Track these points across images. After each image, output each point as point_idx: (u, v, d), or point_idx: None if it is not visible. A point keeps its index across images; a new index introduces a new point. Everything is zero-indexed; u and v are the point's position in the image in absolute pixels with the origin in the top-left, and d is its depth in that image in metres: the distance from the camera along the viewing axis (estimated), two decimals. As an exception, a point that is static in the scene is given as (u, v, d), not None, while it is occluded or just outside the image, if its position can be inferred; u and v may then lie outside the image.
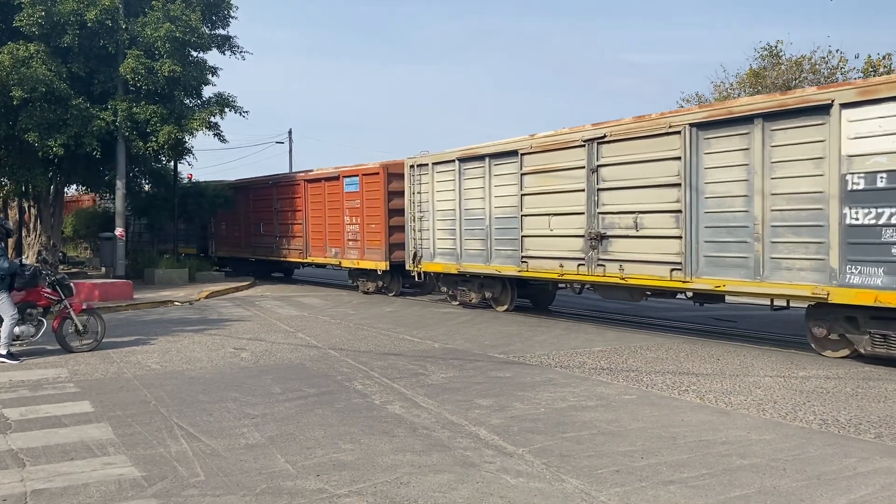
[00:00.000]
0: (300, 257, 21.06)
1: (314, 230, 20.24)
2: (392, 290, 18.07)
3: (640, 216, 11.24)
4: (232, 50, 21.05)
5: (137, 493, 4.76)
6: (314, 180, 20.24)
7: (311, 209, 20.35)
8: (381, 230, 17.48)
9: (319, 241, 20.01)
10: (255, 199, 23.50)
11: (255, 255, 23.52)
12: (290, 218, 21.45)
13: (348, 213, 18.66)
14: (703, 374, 8.47)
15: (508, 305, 14.53)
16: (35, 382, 8.16)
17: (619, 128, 11.58)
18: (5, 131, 17.62)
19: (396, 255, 17.20)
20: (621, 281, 11.55)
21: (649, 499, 4.60)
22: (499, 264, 14.03)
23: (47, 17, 17.09)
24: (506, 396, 7.37)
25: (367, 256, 17.96)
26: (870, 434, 6.03)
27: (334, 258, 19.28)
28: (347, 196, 18.67)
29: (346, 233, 18.68)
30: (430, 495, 4.68)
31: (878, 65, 23.07)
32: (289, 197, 21.48)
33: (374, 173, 17.75)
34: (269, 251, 22.67)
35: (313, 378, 8.31)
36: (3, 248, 9.54)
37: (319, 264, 21.03)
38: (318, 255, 20.15)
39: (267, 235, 22.71)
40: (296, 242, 21.13)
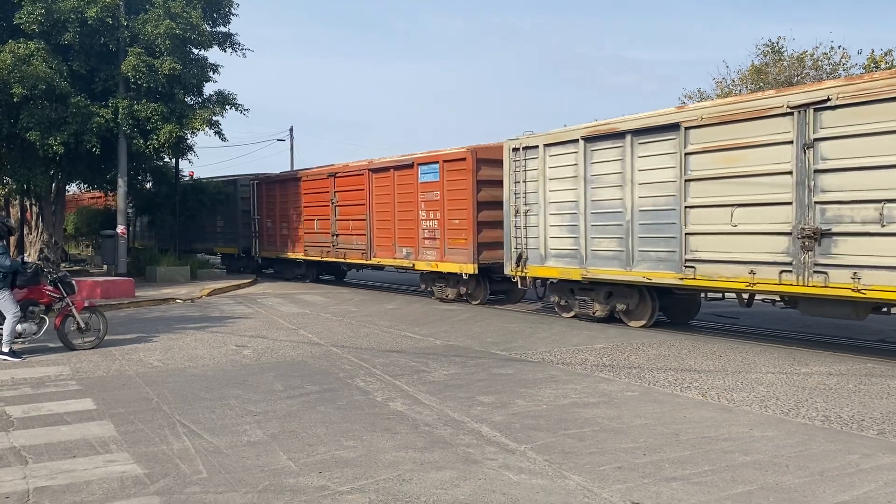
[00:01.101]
0: (362, 258, 18.26)
1: (380, 227, 17.55)
2: (476, 297, 15.39)
3: (890, 206, 8.43)
4: (233, 47, 21.04)
5: (140, 490, 4.76)
6: (380, 169, 17.47)
7: (377, 203, 17.63)
8: (467, 227, 14.81)
9: (387, 240, 17.31)
10: (309, 193, 20.50)
11: (308, 255, 20.72)
12: (350, 213, 18.69)
13: (424, 207, 15.92)
14: (705, 371, 8.47)
15: (647, 321, 11.74)
16: (37, 380, 8.17)
17: (853, 88, 8.80)
18: (6, 129, 17.64)
19: (486, 256, 14.64)
20: (855, 294, 8.71)
21: (652, 495, 4.60)
22: (645, 269, 11.15)
23: (48, 14, 17.08)
24: (508, 393, 7.37)
25: (448, 258, 15.25)
26: (872, 430, 6.02)
27: (405, 259, 16.61)
28: (423, 187, 15.93)
29: (421, 230, 16.04)
30: (432, 492, 4.68)
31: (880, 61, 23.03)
32: (349, 189, 18.71)
33: (459, 159, 15.01)
34: (324, 251, 19.89)
35: (315, 375, 8.31)
36: (4, 245, 9.55)
37: (387, 266, 18.45)
38: (386, 256, 17.44)
39: (322, 233, 19.94)
40: (357, 241, 18.38)
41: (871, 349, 9.90)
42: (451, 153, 15.41)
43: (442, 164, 15.40)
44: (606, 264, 11.86)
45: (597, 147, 11.96)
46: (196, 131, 19.24)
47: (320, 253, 20.10)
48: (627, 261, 11.45)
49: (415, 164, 16.17)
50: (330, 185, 19.45)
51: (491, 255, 14.63)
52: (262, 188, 23.10)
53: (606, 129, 11.81)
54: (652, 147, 11.10)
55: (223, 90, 20.53)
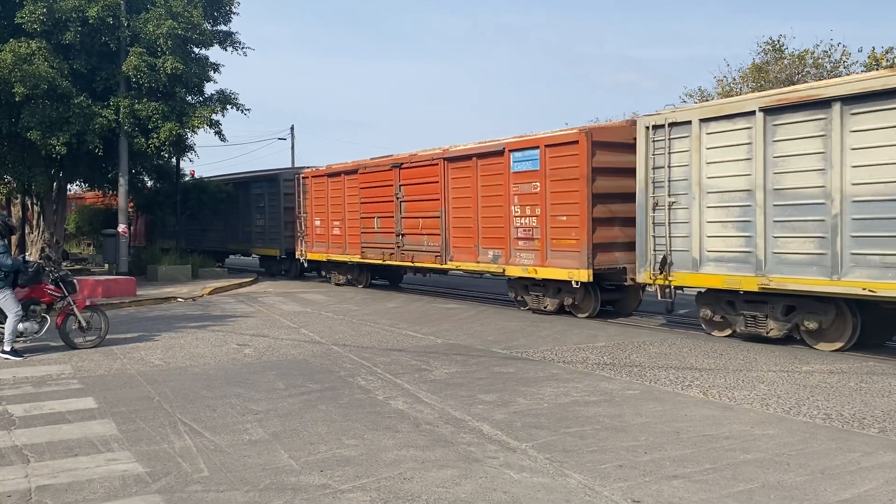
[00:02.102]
0: (435, 262, 15.65)
1: (458, 226, 15.08)
2: (584, 309, 12.95)
3: None
4: (234, 46, 21.04)
5: (141, 488, 4.76)
6: (459, 158, 15.01)
7: (455, 198, 15.15)
8: (578, 224, 12.27)
9: (467, 241, 14.86)
10: (368, 187, 17.96)
11: (366, 258, 18.18)
12: (420, 210, 16.12)
13: (518, 202, 13.43)
14: (706, 369, 8.47)
15: (845, 342, 9.44)
16: (39, 379, 8.18)
17: None
18: (7, 129, 17.65)
19: (601, 259, 12.25)
20: None
21: (653, 493, 4.60)
22: (864, 278, 8.67)
23: (49, 13, 17.09)
24: (509, 392, 7.37)
25: (550, 262, 12.81)
26: (874, 429, 6.02)
27: (492, 264, 14.07)
28: (517, 178, 13.45)
29: (513, 229, 13.58)
30: (433, 490, 4.68)
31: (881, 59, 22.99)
32: (418, 182, 16.18)
33: (568, 143, 12.49)
34: (386, 253, 17.28)
35: (316, 374, 8.32)
36: (6, 244, 9.56)
37: (468, 271, 15.88)
38: (466, 259, 14.90)
39: (384, 233, 17.40)
40: (429, 242, 15.79)
41: (873, 347, 9.89)
42: (556, 136, 12.95)
43: (544, 150, 12.90)
44: (798, 271, 9.35)
45: (783, 120, 9.54)
46: (196, 130, 19.26)
47: (381, 255, 17.48)
48: (833, 267, 8.94)
49: (505, 150, 13.64)
50: (394, 177, 16.84)
51: (606, 258, 12.29)
52: (308, 183, 20.62)
53: (801, 96, 9.44)
54: (877, 118, 8.63)
55: (224, 89, 20.57)
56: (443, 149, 15.60)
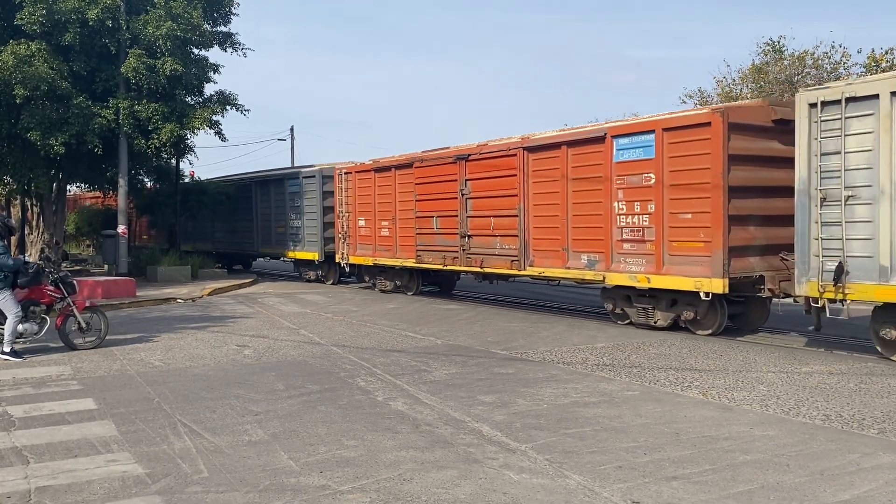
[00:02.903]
0: (512, 267, 13.72)
1: (541, 225, 13.17)
2: (707, 325, 10.95)
3: None
4: (233, 47, 21.05)
5: (141, 489, 4.77)
6: (543, 147, 13.02)
7: (537, 193, 13.21)
8: (710, 223, 10.33)
9: (552, 243, 12.90)
10: (426, 183, 16.00)
11: (422, 262, 16.15)
12: (491, 208, 14.24)
13: (623, 197, 11.51)
14: (705, 370, 8.47)
15: None
16: (39, 380, 8.18)
17: None
18: (7, 129, 17.66)
19: (737, 266, 10.33)
20: None
21: (652, 494, 4.61)
22: None
23: (48, 15, 17.10)
24: (508, 393, 7.37)
25: (669, 268, 10.89)
26: (873, 430, 6.02)
27: (587, 270, 12.15)
28: (623, 168, 11.52)
29: (616, 229, 11.64)
30: (433, 492, 4.68)
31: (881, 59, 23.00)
32: (490, 176, 14.27)
33: (697, 125, 10.57)
34: (447, 257, 15.31)
35: (316, 375, 8.32)
36: (5, 245, 9.56)
37: (553, 279, 13.61)
38: (551, 264, 12.96)
39: (445, 234, 15.46)
40: (504, 245, 13.86)
41: (872, 348, 9.89)
42: (679, 117, 11.03)
43: (660, 135, 10.95)
44: None
45: None
46: (196, 131, 19.27)
47: (441, 260, 15.52)
48: None
49: (607, 136, 11.73)
50: (458, 171, 14.98)
51: (741, 264, 10.41)
52: (352, 179, 18.72)
53: None
54: None
55: (224, 90, 20.59)
56: (521, 137, 13.68)
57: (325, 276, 21.04)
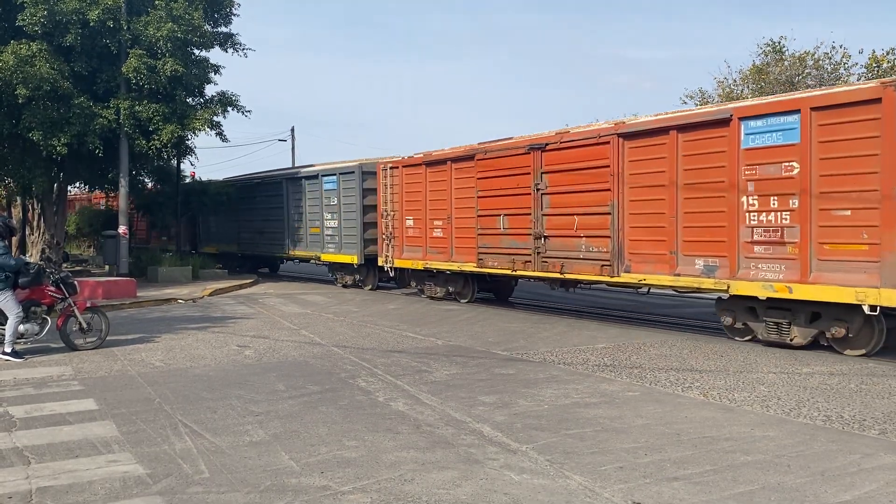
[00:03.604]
0: (602, 273, 11.94)
1: (640, 224, 11.44)
2: (859, 344, 9.30)
3: None
4: (234, 47, 21.08)
5: (142, 490, 4.77)
6: (644, 133, 11.36)
7: (634, 187, 11.50)
8: (879, 222, 8.74)
9: (655, 245, 11.15)
10: (490, 177, 14.39)
11: (485, 266, 14.48)
12: (575, 204, 12.49)
13: (755, 190, 9.82)
14: (706, 371, 8.47)
15: None
16: (39, 380, 8.18)
17: None
18: (9, 129, 17.68)
19: None
20: None
21: (653, 495, 4.61)
22: None
23: (50, 16, 17.12)
24: (509, 393, 7.37)
25: (819, 276, 9.22)
26: (874, 430, 6.02)
27: (704, 277, 10.41)
28: (753, 156, 9.84)
29: (744, 228, 9.95)
30: (434, 492, 4.68)
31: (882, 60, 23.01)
32: (574, 168, 12.53)
33: (861, 102, 8.94)
34: (517, 261, 13.64)
35: (317, 375, 8.32)
36: (6, 246, 9.57)
37: (657, 287, 11.63)
38: (654, 270, 11.16)
39: (515, 234, 13.73)
40: (591, 246, 12.18)
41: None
42: (835, 94, 9.40)
43: (808, 115, 9.35)
44: None
45: None
46: (197, 132, 19.28)
47: (509, 264, 13.85)
48: None
49: (733, 118, 10.07)
50: (532, 163, 13.30)
51: None
52: (399, 174, 17.09)
53: None
54: None
55: (225, 91, 20.60)
56: (615, 122, 12.08)
57: (362, 281, 19.28)
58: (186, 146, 21.50)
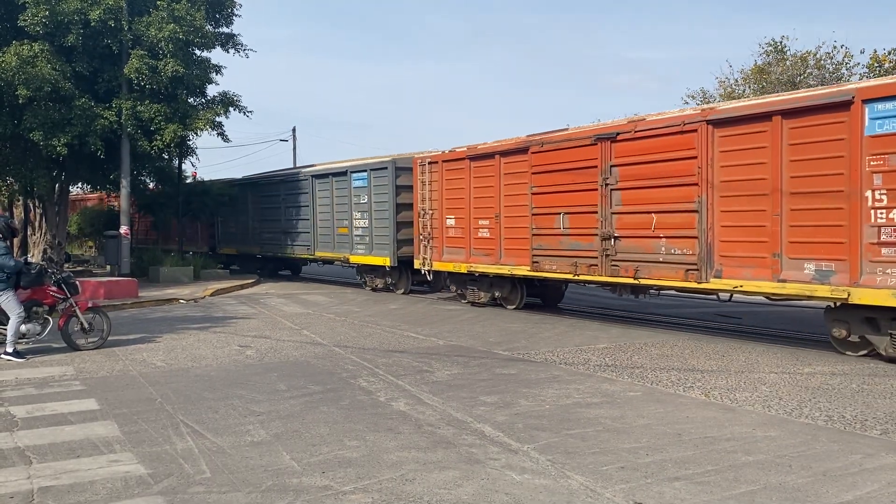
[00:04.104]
0: (687, 279, 10.67)
1: (734, 222, 10.16)
2: None
3: None
4: (236, 48, 21.10)
5: (143, 490, 4.77)
6: (740, 120, 10.07)
7: (726, 180, 10.22)
8: None
9: (752, 246, 9.88)
10: (546, 171, 13.05)
11: (540, 269, 13.22)
12: (652, 200, 11.25)
13: (884, 183, 8.65)
14: (708, 371, 8.47)
15: None
16: (41, 380, 8.19)
17: None
18: (10, 130, 17.71)
19: None
20: None
21: (655, 495, 4.60)
22: None
23: (51, 16, 17.14)
24: (510, 393, 7.37)
25: None
26: (876, 430, 6.02)
27: (816, 283, 9.18)
28: (881, 143, 8.66)
29: (868, 227, 8.74)
30: (435, 492, 4.68)
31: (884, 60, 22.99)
32: (651, 160, 11.23)
33: None
34: (583, 265, 12.34)
35: (318, 375, 8.32)
36: (8, 246, 9.58)
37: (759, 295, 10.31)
38: (752, 275, 9.85)
39: (577, 235, 12.49)
40: (673, 249, 10.89)
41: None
42: None
43: None
44: None
45: None
46: (199, 132, 19.30)
47: (571, 267, 12.54)
48: None
49: (855, 100, 8.83)
50: (599, 155, 12.00)
51: None
52: (438, 170, 15.86)
53: None
54: None
55: (227, 91, 20.64)
56: (701, 109, 11.05)
57: (394, 285, 18.20)
58: (188, 146, 21.53)
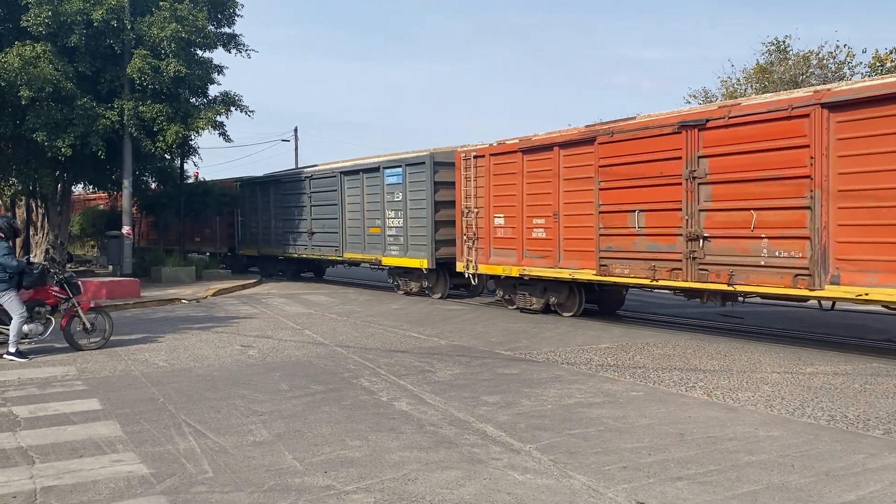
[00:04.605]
0: (796, 284, 9.42)
1: (854, 220, 8.95)
2: None
3: None
4: (237, 48, 21.11)
5: (146, 489, 4.78)
6: (862, 102, 8.80)
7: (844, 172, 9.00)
8: None
9: (879, 248, 8.68)
10: (617, 164, 11.69)
11: (609, 273, 11.77)
12: (750, 196, 9.97)
13: None
14: (710, 371, 8.46)
15: None
16: (44, 380, 8.20)
17: None
18: (13, 130, 17.73)
19: None
20: None
21: (657, 495, 4.60)
22: None
23: (54, 17, 17.16)
24: (512, 393, 7.37)
25: None
26: (878, 430, 6.01)
27: None
28: None
29: None
30: (437, 492, 4.68)
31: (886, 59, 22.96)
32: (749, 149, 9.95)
33: None
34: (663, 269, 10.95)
35: (320, 375, 8.33)
36: (10, 247, 9.60)
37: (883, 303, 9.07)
38: (881, 281, 8.65)
39: (656, 235, 11.11)
40: (777, 250, 9.65)
41: (877, 349, 9.88)
42: None
43: None
44: None
45: None
46: (201, 132, 19.32)
47: (648, 271, 11.11)
48: None
49: None
50: (684, 144, 10.69)
51: None
52: (484, 164, 14.49)
53: None
54: None
55: (228, 91, 20.67)
56: (814, 90, 9.55)
57: (430, 289, 16.95)
58: (190, 146, 21.54)
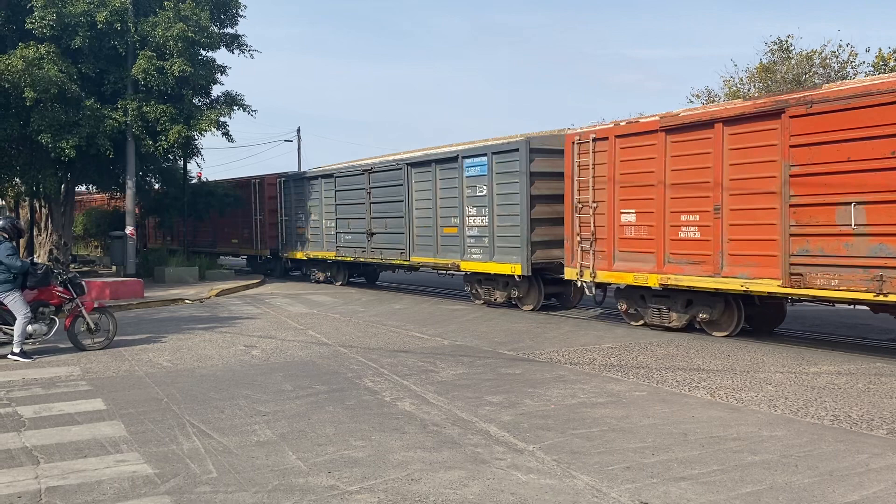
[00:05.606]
0: None
1: None
2: None
3: None
4: (240, 48, 21.14)
5: (150, 490, 4.79)
6: None
7: None
8: None
9: None
10: (814, 142, 9.13)
11: (811, 285, 9.16)
12: None
13: None
14: (713, 371, 8.45)
15: None
16: (48, 380, 8.22)
17: None
18: (18, 132, 17.77)
19: None
20: None
21: (660, 495, 4.60)
22: None
23: (58, 18, 17.21)
24: (516, 393, 7.37)
25: None
26: (882, 430, 6.00)
27: None
28: None
29: None
30: (441, 492, 4.69)
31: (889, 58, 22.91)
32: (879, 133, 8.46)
33: None
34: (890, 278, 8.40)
35: (324, 375, 8.34)
36: (14, 247, 9.62)
37: None
38: None
39: (884, 234, 8.50)
40: None
41: (881, 349, 9.87)
42: None
43: None
44: None
45: None
46: (204, 132, 19.35)
47: (872, 283, 8.54)
48: None
49: None
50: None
51: None
52: (608, 148, 12.00)
53: None
54: None
55: (231, 91, 20.71)
56: None
57: (520, 299, 14.44)
58: (193, 146, 21.57)
